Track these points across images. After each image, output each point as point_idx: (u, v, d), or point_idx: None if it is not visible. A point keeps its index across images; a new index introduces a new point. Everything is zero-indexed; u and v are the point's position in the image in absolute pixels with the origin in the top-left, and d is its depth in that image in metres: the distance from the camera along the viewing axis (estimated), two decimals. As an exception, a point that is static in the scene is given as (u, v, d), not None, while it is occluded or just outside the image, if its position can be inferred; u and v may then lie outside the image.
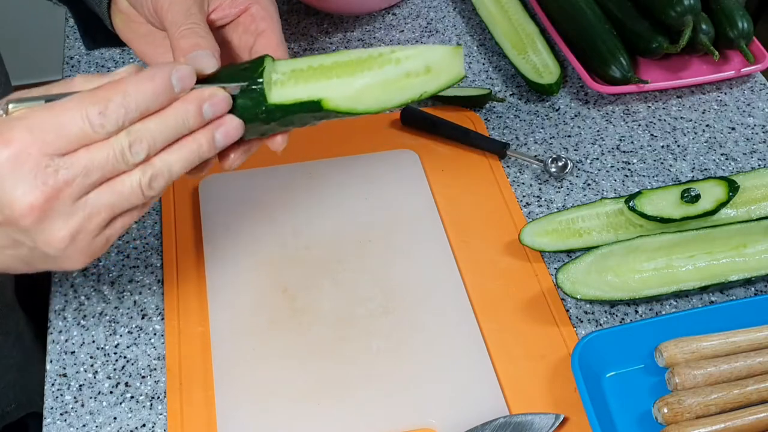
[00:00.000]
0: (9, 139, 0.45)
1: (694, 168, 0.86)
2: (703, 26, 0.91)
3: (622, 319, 0.72)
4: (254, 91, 0.52)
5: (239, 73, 0.53)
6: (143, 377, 0.67)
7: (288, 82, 0.53)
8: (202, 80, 0.51)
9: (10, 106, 0.46)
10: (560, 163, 0.83)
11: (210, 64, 0.52)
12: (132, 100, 0.46)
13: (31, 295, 0.83)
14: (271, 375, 0.67)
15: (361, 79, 0.53)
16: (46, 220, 0.46)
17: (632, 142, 0.88)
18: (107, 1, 0.61)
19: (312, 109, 0.53)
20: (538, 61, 0.94)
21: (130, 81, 0.47)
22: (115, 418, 0.65)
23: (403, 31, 1.01)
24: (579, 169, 0.85)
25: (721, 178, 0.77)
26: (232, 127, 0.51)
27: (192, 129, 0.49)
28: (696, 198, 0.75)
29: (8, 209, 0.46)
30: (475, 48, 1.00)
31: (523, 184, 0.84)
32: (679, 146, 0.88)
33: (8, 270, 0.51)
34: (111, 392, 0.66)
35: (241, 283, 0.73)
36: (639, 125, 0.90)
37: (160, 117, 0.48)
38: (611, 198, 0.78)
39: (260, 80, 0.52)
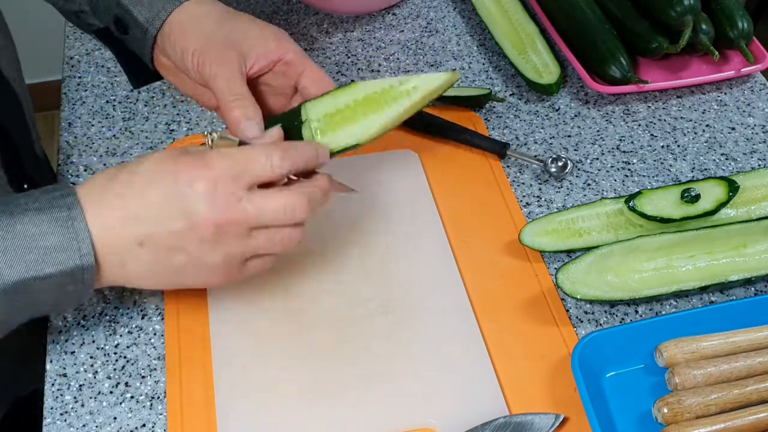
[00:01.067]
0: (211, 166, 0.57)
1: (694, 168, 0.86)
2: (703, 26, 0.91)
3: (622, 319, 0.72)
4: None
5: (290, 127, 0.65)
6: (143, 377, 0.67)
7: (326, 129, 0.64)
8: None
9: (215, 135, 0.60)
10: (560, 163, 0.83)
11: (256, 132, 0.63)
12: (300, 156, 0.60)
13: None
14: (271, 375, 0.67)
15: (383, 117, 0.64)
16: (220, 235, 0.57)
17: (632, 142, 0.88)
18: (150, 56, 0.71)
19: (347, 150, 0.64)
20: (538, 61, 0.94)
21: (294, 144, 0.62)
22: (115, 418, 0.65)
23: (403, 31, 1.01)
24: (579, 169, 0.85)
25: (721, 178, 0.77)
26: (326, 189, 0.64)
27: (327, 200, 0.64)
28: (696, 198, 0.75)
29: (194, 218, 0.56)
30: (475, 48, 1.00)
31: (523, 184, 0.84)
32: (679, 146, 0.88)
33: (147, 284, 0.61)
34: (111, 392, 0.66)
35: (241, 283, 0.73)
36: (639, 125, 0.90)
37: (317, 189, 0.62)
38: (611, 198, 0.78)
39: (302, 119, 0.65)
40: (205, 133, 0.60)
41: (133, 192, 0.57)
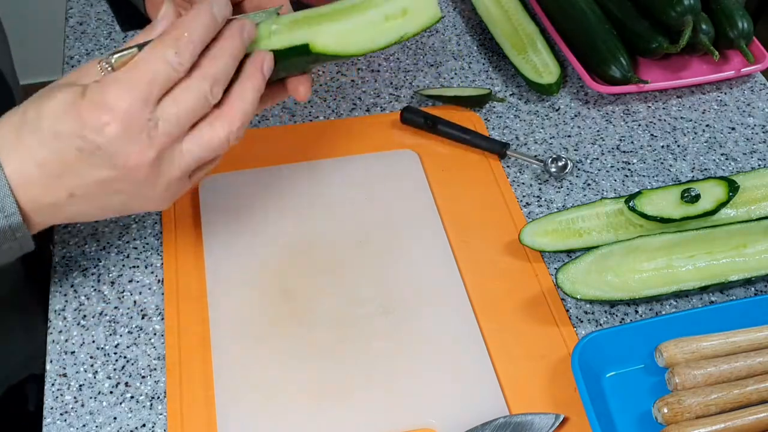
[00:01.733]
0: (111, 101, 0.51)
1: (694, 168, 0.86)
2: (703, 26, 0.91)
3: (622, 319, 0.72)
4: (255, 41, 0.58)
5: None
6: (143, 377, 0.67)
7: (284, 31, 0.58)
8: None
9: (114, 57, 0.53)
10: (560, 163, 0.83)
11: (222, 3, 0.57)
12: (194, 35, 0.53)
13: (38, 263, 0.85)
14: (271, 375, 0.67)
15: (345, 23, 0.59)
16: (155, 170, 0.54)
17: (632, 142, 0.88)
18: None
19: (302, 53, 0.59)
20: (538, 61, 0.94)
21: (185, 21, 0.53)
22: (115, 418, 0.65)
23: (403, 31, 1.01)
24: (579, 169, 0.85)
25: (721, 178, 0.77)
26: (269, 59, 0.57)
27: (238, 52, 0.55)
28: (696, 198, 0.75)
29: (122, 162, 0.52)
30: (475, 48, 1.00)
31: (523, 184, 0.84)
32: (679, 146, 0.88)
33: (90, 218, 0.58)
34: (111, 392, 0.66)
35: (241, 283, 0.73)
36: (639, 125, 0.90)
37: (220, 54, 0.54)
38: (611, 198, 0.78)
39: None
40: (100, 59, 0.53)
41: (47, 149, 0.53)
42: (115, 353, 0.69)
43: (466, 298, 0.72)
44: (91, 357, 0.69)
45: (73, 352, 0.69)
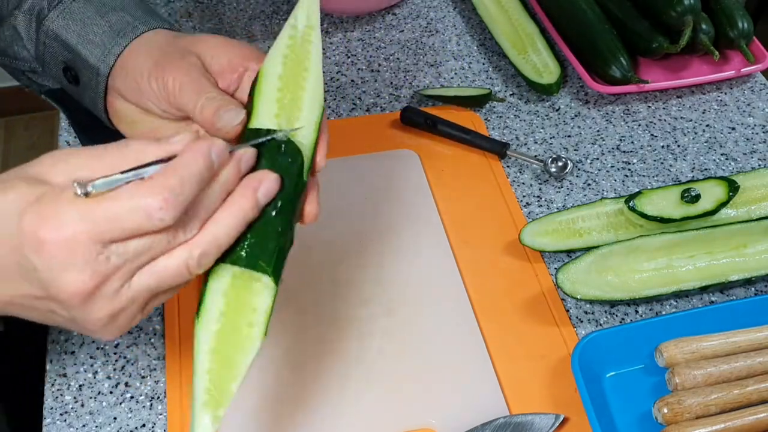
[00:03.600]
0: (62, 223, 0.44)
1: (694, 168, 0.86)
2: (704, 26, 0.91)
3: (622, 319, 0.72)
4: (281, 142, 0.51)
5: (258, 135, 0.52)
6: (143, 377, 0.67)
7: (292, 123, 0.52)
8: None
9: (90, 188, 0.45)
10: (560, 163, 0.83)
11: (237, 114, 0.53)
12: (188, 188, 0.46)
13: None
14: (270, 375, 0.67)
15: (313, 75, 0.54)
16: (90, 303, 0.46)
17: (632, 142, 0.88)
18: (102, 103, 0.61)
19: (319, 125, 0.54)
20: (538, 61, 0.94)
21: (182, 164, 0.46)
22: (115, 418, 0.65)
23: (403, 31, 1.01)
24: (579, 169, 0.85)
25: (721, 178, 0.77)
26: (271, 181, 0.50)
27: (231, 188, 0.49)
28: (696, 198, 0.75)
29: (55, 290, 0.45)
30: (475, 48, 1.00)
31: (523, 184, 0.84)
32: (679, 146, 0.88)
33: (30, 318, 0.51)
34: (111, 392, 0.66)
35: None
36: (639, 125, 0.90)
37: (211, 189, 0.47)
38: (611, 198, 0.78)
39: (276, 131, 0.51)
40: (74, 185, 0.44)
41: None
42: (115, 353, 0.69)
43: (466, 298, 0.72)
44: (91, 357, 0.69)
45: (72, 352, 0.69)
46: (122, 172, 0.45)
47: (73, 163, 0.47)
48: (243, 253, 0.50)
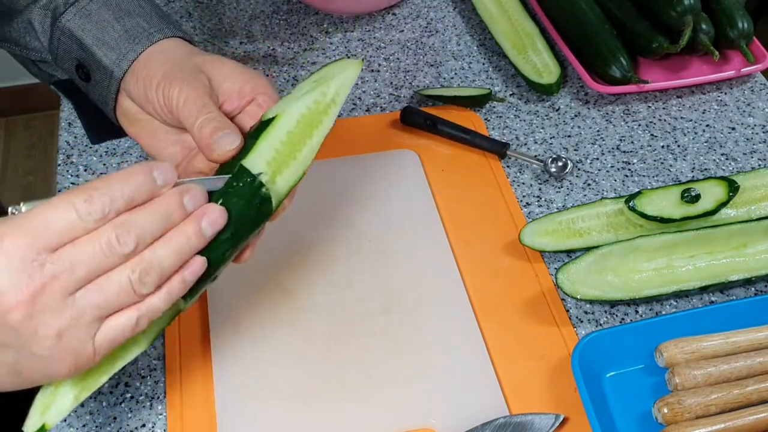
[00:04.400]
0: (0, 235, 0.45)
1: (694, 168, 0.86)
2: (703, 26, 0.91)
3: (622, 319, 0.72)
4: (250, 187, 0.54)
5: (228, 171, 0.54)
6: (143, 377, 0.67)
7: (275, 178, 0.56)
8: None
9: (23, 206, 0.47)
10: (560, 163, 0.83)
11: (234, 139, 0.55)
12: (116, 189, 0.47)
13: None
14: (271, 375, 0.67)
15: (320, 133, 0.58)
16: (33, 316, 0.46)
17: (632, 142, 0.88)
18: (113, 103, 0.63)
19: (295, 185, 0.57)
20: (538, 61, 0.94)
21: (114, 174, 0.48)
22: (115, 418, 0.65)
23: (403, 31, 1.01)
24: (579, 169, 0.85)
25: (721, 178, 0.77)
26: (216, 215, 0.51)
27: (176, 222, 0.49)
28: (696, 198, 0.75)
29: None
30: (475, 48, 1.00)
31: (523, 184, 0.84)
32: (679, 146, 0.88)
33: None
34: (111, 392, 0.66)
35: (241, 283, 0.73)
36: (639, 125, 0.90)
37: (145, 209, 0.48)
38: (611, 198, 0.78)
39: (255, 176, 0.54)
40: (10, 208, 0.47)
41: None
42: (115, 353, 0.69)
43: (466, 298, 0.72)
44: (91, 357, 0.69)
45: (73, 352, 0.69)
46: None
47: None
48: None
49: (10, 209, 0.47)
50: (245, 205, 0.53)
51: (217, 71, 0.60)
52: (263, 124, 0.56)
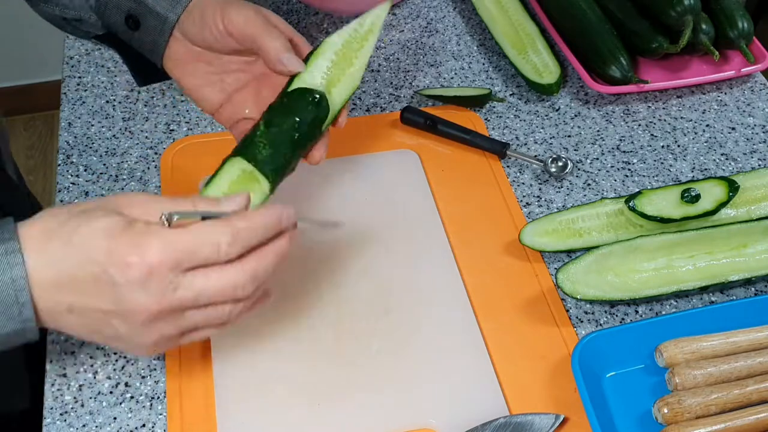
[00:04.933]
0: (147, 250, 0.51)
1: (694, 168, 0.86)
2: (703, 26, 0.91)
3: (623, 319, 0.72)
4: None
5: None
6: (143, 377, 0.67)
7: (330, 88, 0.66)
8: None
9: (175, 217, 0.53)
10: (560, 163, 0.83)
11: (299, 64, 0.65)
12: (254, 235, 0.54)
13: None
14: (271, 375, 0.67)
15: (362, 58, 0.67)
16: (149, 326, 0.53)
17: (632, 142, 0.88)
18: (163, 47, 0.70)
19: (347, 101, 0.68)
20: (538, 61, 0.94)
21: (254, 217, 0.55)
22: (114, 419, 0.65)
23: (403, 31, 1.01)
24: (579, 169, 0.85)
25: (721, 178, 0.77)
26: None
27: (285, 261, 0.58)
28: (696, 198, 0.75)
29: (125, 306, 0.52)
30: (475, 48, 1.00)
31: (523, 184, 0.84)
32: (679, 146, 0.88)
33: (79, 336, 0.57)
34: (111, 392, 0.66)
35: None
36: (639, 125, 0.90)
37: (271, 259, 0.56)
38: (611, 198, 0.78)
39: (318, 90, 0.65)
40: (161, 215, 0.53)
41: (68, 260, 0.52)
42: (115, 353, 0.69)
43: (466, 298, 0.72)
44: (91, 357, 0.69)
45: (72, 353, 0.69)
46: (201, 214, 0.54)
47: (149, 204, 0.54)
48: (259, 156, 0.63)
49: (162, 216, 0.52)
50: (306, 105, 0.64)
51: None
52: (312, 50, 0.66)
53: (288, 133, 0.64)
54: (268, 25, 0.65)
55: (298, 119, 0.64)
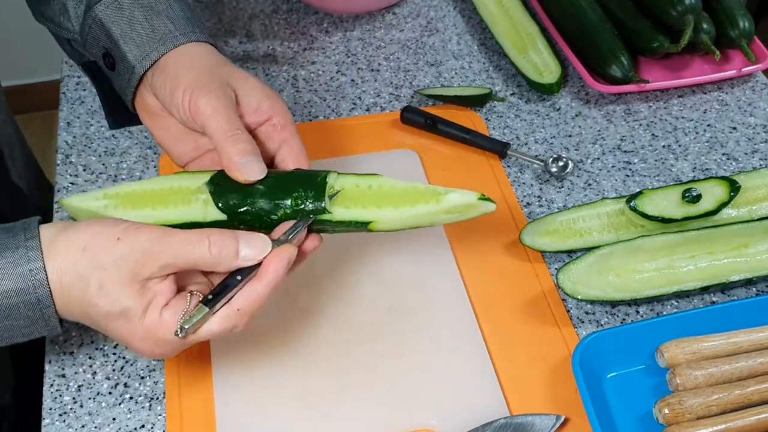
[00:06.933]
0: (160, 351, 0.58)
1: (695, 168, 0.86)
2: (704, 25, 0.91)
3: (623, 319, 0.72)
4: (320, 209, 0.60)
5: (308, 183, 0.60)
6: (142, 378, 0.67)
7: (346, 202, 0.61)
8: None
9: (188, 326, 0.55)
10: (561, 163, 0.83)
11: (258, 169, 0.59)
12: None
13: None
14: (270, 376, 0.67)
15: (407, 211, 0.61)
16: (159, 343, 0.57)
17: (633, 142, 0.88)
18: (132, 96, 0.66)
19: (359, 227, 0.61)
20: (539, 61, 0.93)
21: (261, 296, 0.56)
22: (114, 419, 0.65)
23: (403, 30, 1.01)
24: (580, 169, 0.85)
25: (723, 178, 0.77)
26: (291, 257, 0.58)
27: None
28: (697, 198, 0.74)
29: (130, 342, 0.57)
30: (476, 47, 0.99)
31: (523, 184, 0.83)
32: (680, 146, 0.88)
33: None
34: (110, 393, 0.66)
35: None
36: (640, 125, 0.90)
37: (264, 301, 0.57)
38: (612, 198, 0.78)
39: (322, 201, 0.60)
40: (176, 331, 0.55)
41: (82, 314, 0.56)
42: (114, 354, 0.69)
43: (466, 298, 0.72)
44: (90, 358, 0.68)
45: (71, 353, 0.69)
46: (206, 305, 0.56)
47: (163, 259, 0.55)
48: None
49: (178, 330, 0.55)
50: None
51: (241, 85, 0.63)
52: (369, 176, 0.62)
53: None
54: (233, 123, 0.60)
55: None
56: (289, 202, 0.59)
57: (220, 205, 0.60)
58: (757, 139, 0.89)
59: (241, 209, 0.60)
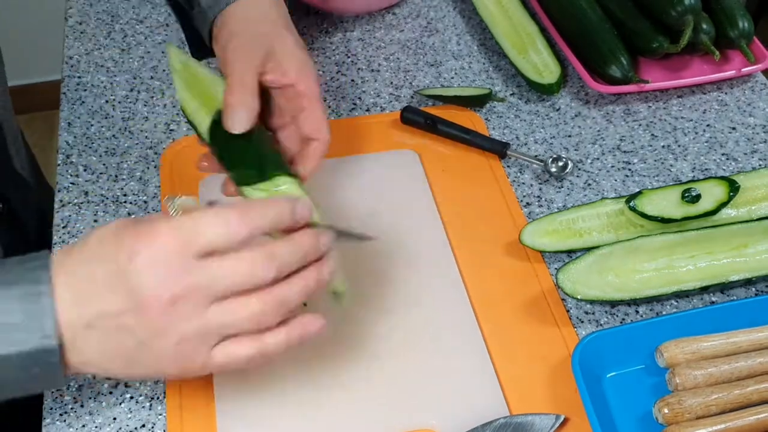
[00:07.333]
0: (154, 236, 0.50)
1: (694, 168, 0.86)
2: (704, 26, 0.91)
3: (623, 319, 0.72)
4: None
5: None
6: (143, 378, 0.67)
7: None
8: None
9: (177, 200, 0.53)
10: (561, 163, 0.83)
11: (244, 124, 0.63)
12: (264, 217, 0.52)
13: None
14: (270, 375, 0.67)
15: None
16: (167, 317, 0.50)
17: (633, 142, 0.88)
18: (208, 36, 0.72)
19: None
20: (539, 61, 0.94)
21: (267, 202, 0.55)
22: (114, 419, 0.65)
23: (403, 30, 1.01)
24: (579, 169, 0.85)
25: (722, 178, 0.77)
26: (332, 265, 0.57)
27: (309, 261, 0.55)
28: (697, 198, 0.75)
29: (138, 297, 0.50)
30: (476, 47, 0.99)
31: (523, 184, 0.84)
32: (679, 146, 0.88)
33: (104, 370, 0.54)
34: (110, 393, 0.66)
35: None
36: (639, 125, 0.90)
37: (289, 244, 0.53)
38: (612, 198, 0.78)
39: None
40: (166, 199, 0.53)
41: (81, 270, 0.51)
42: (115, 353, 0.69)
43: (466, 298, 0.72)
44: (91, 357, 0.68)
45: (72, 353, 0.69)
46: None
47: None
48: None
49: (165, 201, 0.52)
50: None
51: (280, 48, 0.67)
52: None
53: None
54: (244, 77, 0.65)
55: None
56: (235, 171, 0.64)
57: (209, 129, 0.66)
58: (756, 140, 0.89)
59: (216, 146, 0.66)
